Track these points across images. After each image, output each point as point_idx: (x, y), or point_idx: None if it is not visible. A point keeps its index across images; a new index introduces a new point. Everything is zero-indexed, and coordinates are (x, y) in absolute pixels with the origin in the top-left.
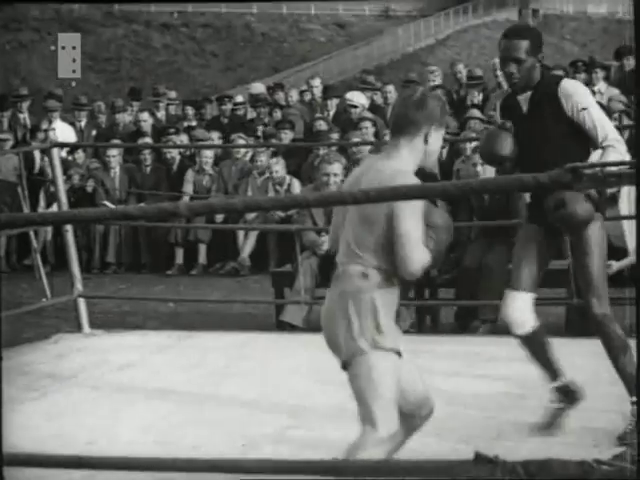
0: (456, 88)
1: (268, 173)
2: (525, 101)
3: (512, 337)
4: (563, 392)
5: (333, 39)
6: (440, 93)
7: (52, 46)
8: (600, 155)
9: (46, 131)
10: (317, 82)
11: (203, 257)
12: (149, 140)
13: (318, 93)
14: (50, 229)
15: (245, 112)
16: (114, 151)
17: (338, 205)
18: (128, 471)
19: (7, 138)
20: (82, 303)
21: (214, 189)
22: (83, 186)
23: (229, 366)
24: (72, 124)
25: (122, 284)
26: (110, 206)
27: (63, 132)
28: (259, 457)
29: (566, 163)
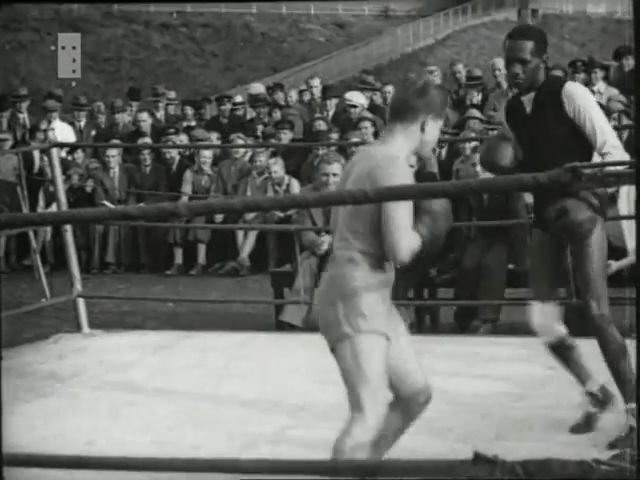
0: (455, 88)
1: (267, 173)
2: (529, 102)
3: (512, 337)
4: (594, 397)
5: (332, 39)
6: None
7: (52, 46)
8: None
9: (45, 131)
10: (316, 82)
11: (202, 257)
12: (148, 140)
13: (317, 93)
14: (49, 229)
15: (244, 112)
16: (113, 151)
17: (337, 205)
18: (127, 471)
19: (6, 138)
20: (81, 303)
21: (213, 189)
22: (82, 186)
23: (228, 366)
24: (71, 124)
25: (121, 284)
26: (109, 206)
27: (62, 132)
28: (258, 457)
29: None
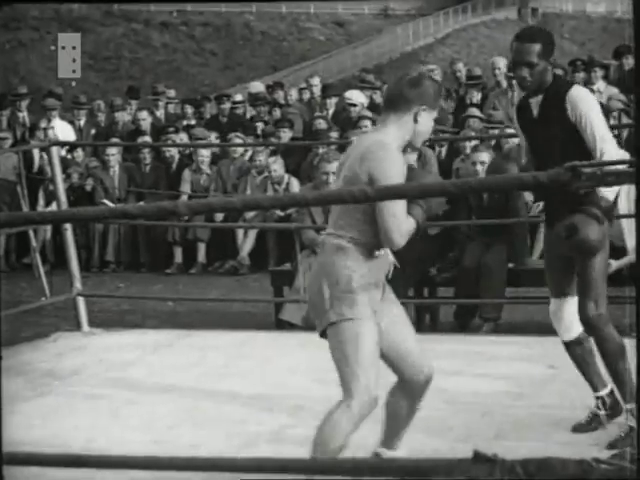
0: (455, 87)
1: (267, 172)
2: (536, 105)
3: (512, 336)
4: (603, 402)
5: (332, 38)
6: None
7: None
8: None
9: (45, 130)
10: (316, 81)
11: (202, 256)
12: (148, 139)
13: (317, 92)
14: (49, 228)
15: (244, 111)
16: (113, 150)
17: (337, 204)
18: (127, 470)
19: (6, 137)
20: (81, 302)
21: (212, 188)
22: (82, 185)
23: (228, 365)
24: (71, 123)
25: (121, 283)
26: (109, 205)
27: (62, 131)
28: (257, 456)
29: None
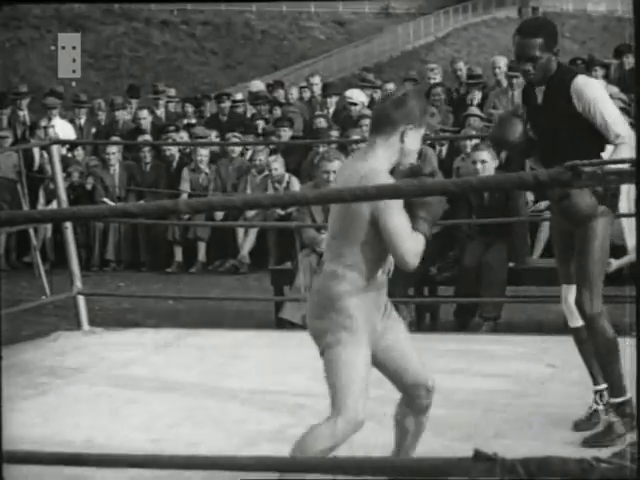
0: (456, 86)
1: (267, 171)
2: (540, 92)
3: (512, 335)
4: (601, 396)
5: (333, 37)
6: (440, 91)
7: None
8: (612, 151)
9: (45, 128)
10: (317, 80)
11: (202, 255)
12: (148, 137)
13: (318, 91)
14: (49, 226)
15: (244, 110)
16: (114, 148)
17: (337, 202)
18: (127, 468)
19: (6, 135)
20: (81, 300)
21: (211, 187)
22: (83, 183)
23: (228, 364)
24: (72, 121)
25: (121, 282)
26: (110, 203)
27: (63, 129)
28: (258, 455)
29: (579, 156)
